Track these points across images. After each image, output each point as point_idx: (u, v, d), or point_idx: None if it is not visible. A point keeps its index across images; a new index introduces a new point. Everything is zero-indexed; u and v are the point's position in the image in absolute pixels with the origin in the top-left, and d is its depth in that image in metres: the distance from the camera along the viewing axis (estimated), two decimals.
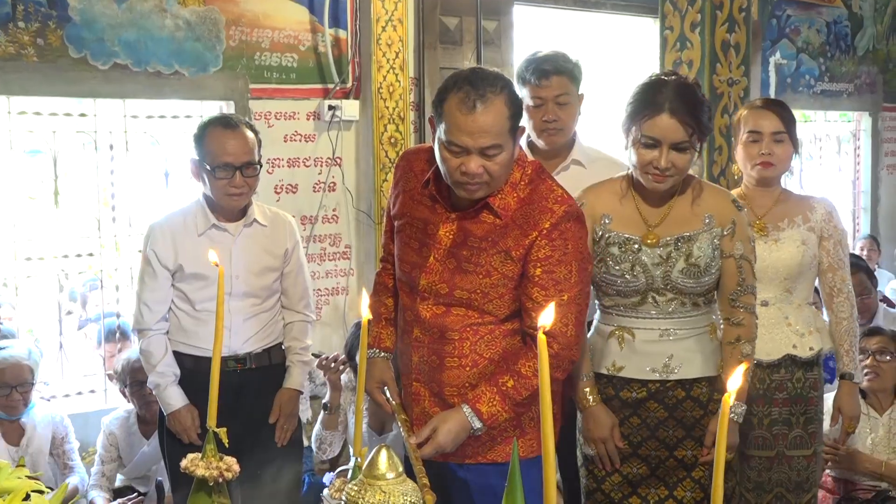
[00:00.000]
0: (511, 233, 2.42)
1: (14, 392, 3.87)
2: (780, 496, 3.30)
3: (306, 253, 4.95)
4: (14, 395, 3.87)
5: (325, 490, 3.93)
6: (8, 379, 3.87)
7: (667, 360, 2.70)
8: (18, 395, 3.89)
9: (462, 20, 5.49)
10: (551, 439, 1.13)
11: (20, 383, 3.89)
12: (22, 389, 3.90)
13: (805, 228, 3.28)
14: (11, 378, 3.87)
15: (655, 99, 2.62)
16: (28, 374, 3.94)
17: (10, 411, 3.91)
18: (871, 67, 8.14)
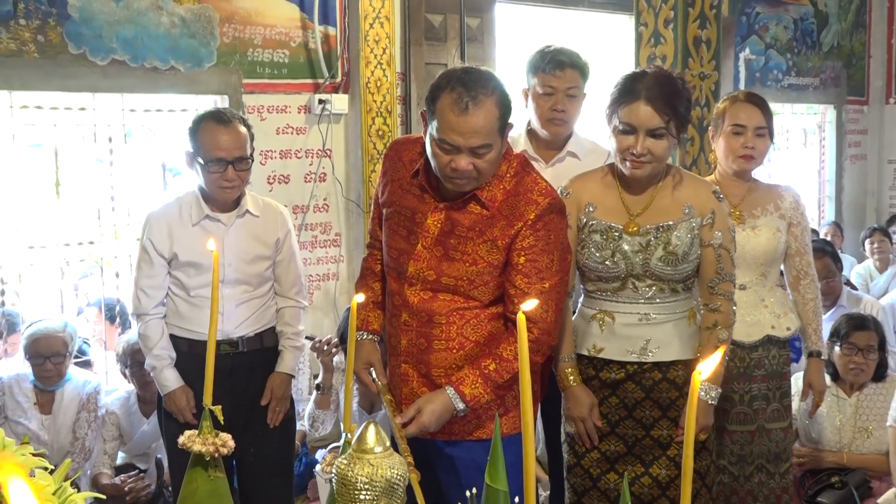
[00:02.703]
0: (497, 223, 2.42)
1: (47, 362, 3.87)
2: (761, 467, 3.34)
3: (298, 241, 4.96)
4: (47, 365, 3.88)
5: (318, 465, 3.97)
6: (41, 349, 3.87)
7: (645, 343, 2.70)
8: (52, 365, 3.89)
9: (446, 17, 5.49)
10: (530, 417, 1.13)
11: (53, 354, 3.89)
12: (55, 360, 3.90)
13: (777, 216, 3.31)
14: (45, 349, 3.88)
15: (633, 87, 2.62)
16: (61, 345, 3.93)
17: (45, 381, 3.92)
18: (835, 62, 8.18)
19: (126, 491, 3.88)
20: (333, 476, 1.24)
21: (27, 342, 3.90)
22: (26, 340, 3.91)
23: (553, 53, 3.23)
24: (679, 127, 2.65)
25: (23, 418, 3.88)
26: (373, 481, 1.22)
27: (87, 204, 4.80)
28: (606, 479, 2.76)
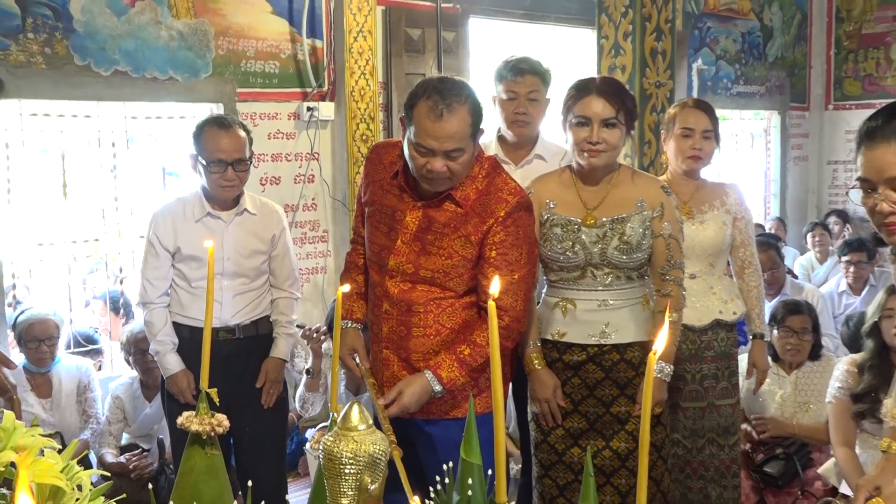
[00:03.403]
0: (470, 220, 2.43)
1: (42, 345, 3.89)
2: (712, 440, 3.37)
3: None
4: (42, 347, 3.89)
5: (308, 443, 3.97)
6: (37, 333, 3.87)
7: (604, 327, 2.71)
8: (46, 347, 3.90)
9: (424, 31, 5.49)
10: (501, 397, 1.14)
11: (47, 337, 3.90)
12: (49, 343, 3.92)
13: (723, 211, 3.34)
14: (40, 332, 3.88)
15: (586, 85, 2.68)
16: (54, 329, 3.95)
17: (39, 364, 3.92)
18: (780, 72, 8.22)
19: (130, 469, 3.87)
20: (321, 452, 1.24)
21: (22, 328, 3.90)
22: (21, 326, 3.90)
23: (515, 62, 3.24)
24: (628, 118, 2.68)
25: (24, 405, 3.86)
26: (357, 456, 1.22)
27: (92, 204, 4.77)
28: (571, 454, 2.76)
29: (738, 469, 3.45)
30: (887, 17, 8.18)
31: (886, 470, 1.98)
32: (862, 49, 8.34)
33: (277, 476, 3.28)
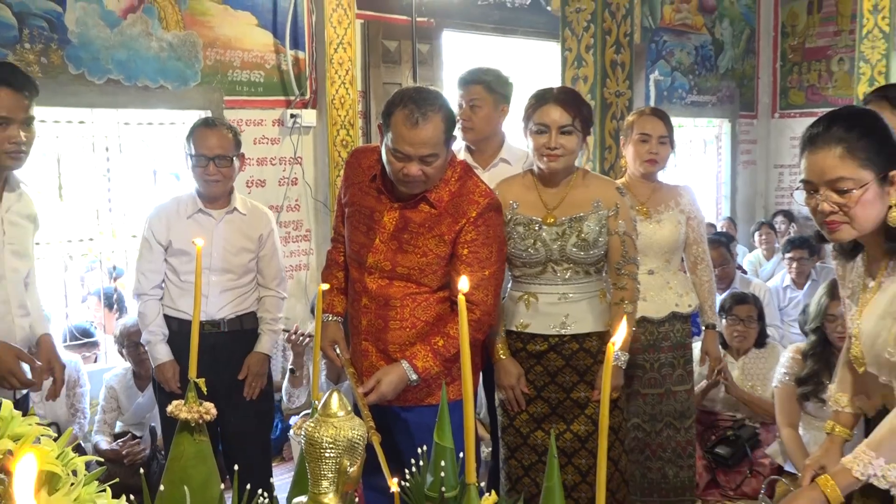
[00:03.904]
0: (444, 220, 2.42)
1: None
2: (669, 423, 3.40)
3: None
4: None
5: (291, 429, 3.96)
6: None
7: (564, 318, 2.72)
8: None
9: (400, 43, 5.48)
10: (470, 385, 1.14)
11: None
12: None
13: (677, 211, 3.36)
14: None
15: (544, 95, 2.68)
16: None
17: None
18: (730, 83, 8.28)
19: (124, 454, 3.83)
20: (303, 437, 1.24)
21: None
22: None
23: (463, 73, 3.24)
24: (584, 125, 2.68)
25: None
26: (336, 441, 1.21)
27: (86, 205, 4.72)
28: (535, 437, 2.77)
29: (693, 450, 3.48)
30: (828, 32, 8.28)
31: (830, 450, 2.01)
32: (805, 62, 8.43)
33: (262, 461, 3.26)
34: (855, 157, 1.71)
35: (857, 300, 1.88)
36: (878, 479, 1.69)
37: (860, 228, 1.76)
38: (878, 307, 1.79)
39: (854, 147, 1.71)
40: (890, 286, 1.76)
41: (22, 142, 2.39)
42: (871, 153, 1.71)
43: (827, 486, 1.71)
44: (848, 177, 1.71)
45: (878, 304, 1.79)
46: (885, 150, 1.72)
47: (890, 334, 1.75)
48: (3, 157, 2.38)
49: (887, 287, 1.77)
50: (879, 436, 1.70)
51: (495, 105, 3.19)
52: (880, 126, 1.75)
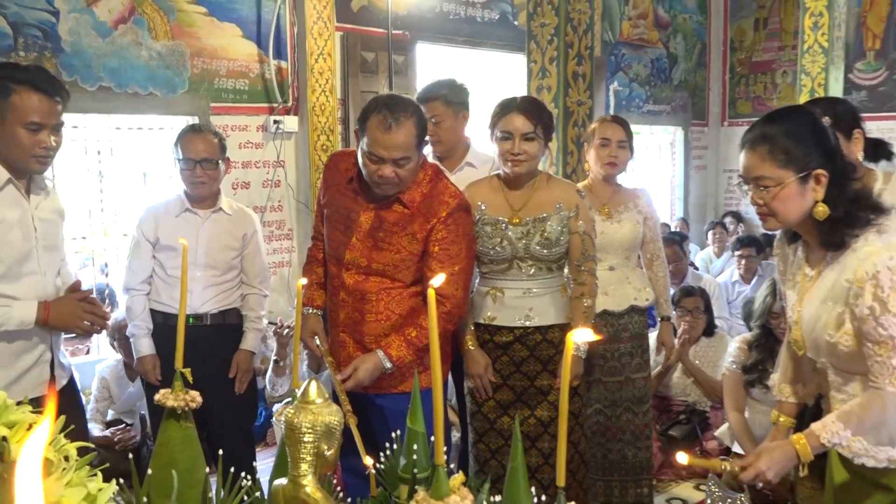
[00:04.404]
0: (416, 220, 2.42)
1: None
2: (628, 408, 3.42)
3: None
4: None
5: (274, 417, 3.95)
6: None
7: (528, 311, 2.73)
8: None
9: (377, 55, 5.47)
10: (439, 373, 1.14)
11: None
12: None
13: (636, 212, 3.39)
14: None
15: (509, 104, 2.69)
16: None
17: None
18: (683, 93, 8.36)
19: (115, 441, 3.79)
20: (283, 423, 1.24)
21: None
22: None
23: (420, 92, 3.21)
24: (545, 132, 2.69)
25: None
26: (314, 426, 1.21)
27: (80, 206, 4.66)
28: (501, 422, 2.78)
29: (650, 433, 3.51)
30: (773, 47, 8.38)
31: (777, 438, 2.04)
32: (752, 74, 8.53)
33: (245, 447, 3.23)
34: (775, 158, 1.76)
35: (797, 289, 1.91)
36: (842, 448, 1.71)
37: (783, 221, 1.81)
38: (818, 293, 1.82)
39: (775, 149, 1.76)
40: (829, 274, 1.79)
41: (52, 147, 2.32)
42: (791, 154, 1.75)
43: (799, 443, 1.72)
44: (768, 175, 1.77)
45: (818, 290, 1.82)
46: (806, 150, 1.75)
47: (829, 317, 1.77)
48: (31, 161, 2.31)
49: (827, 275, 1.80)
50: (848, 410, 1.73)
51: (456, 115, 3.16)
52: (807, 128, 1.78)
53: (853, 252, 1.74)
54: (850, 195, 1.75)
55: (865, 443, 1.70)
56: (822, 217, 1.76)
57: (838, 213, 1.75)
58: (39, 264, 2.38)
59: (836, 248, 1.79)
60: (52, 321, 2.35)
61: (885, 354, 1.68)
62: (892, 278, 1.66)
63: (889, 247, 1.70)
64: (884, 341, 1.67)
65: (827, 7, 5.26)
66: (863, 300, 1.69)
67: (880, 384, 1.69)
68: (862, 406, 1.72)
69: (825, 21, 5.26)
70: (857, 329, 1.73)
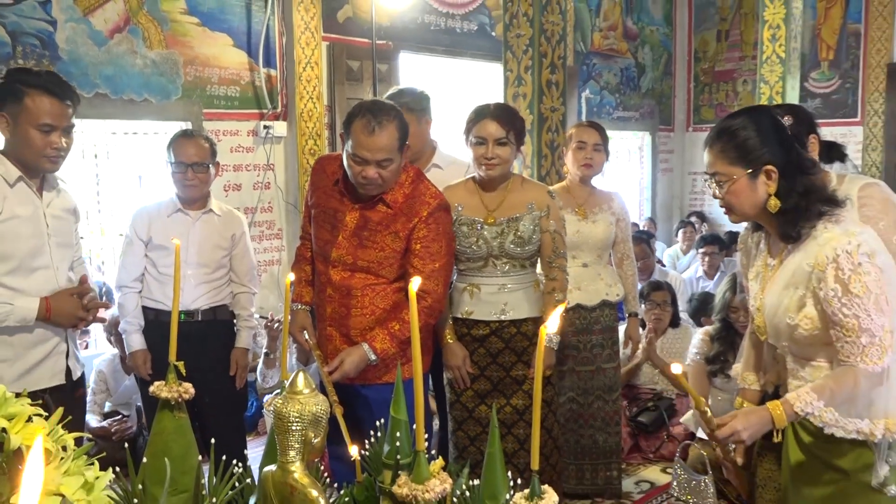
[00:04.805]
0: (399, 219, 2.42)
1: None
2: (599, 396, 3.45)
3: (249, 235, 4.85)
4: None
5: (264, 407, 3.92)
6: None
7: (503, 306, 2.73)
8: None
9: (362, 63, 5.46)
10: (419, 364, 1.15)
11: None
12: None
13: (609, 213, 3.41)
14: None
15: (482, 111, 2.69)
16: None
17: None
18: (650, 101, 8.41)
19: (112, 432, 3.76)
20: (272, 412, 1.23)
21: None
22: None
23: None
24: (517, 137, 2.70)
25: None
26: (302, 415, 1.21)
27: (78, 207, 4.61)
28: (479, 410, 2.78)
29: (619, 419, 3.54)
30: (734, 57, 8.45)
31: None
32: (715, 83, 8.59)
33: (236, 437, 3.21)
34: (727, 154, 1.80)
35: (759, 279, 1.92)
36: (814, 417, 1.72)
37: (741, 214, 1.84)
38: (780, 280, 1.83)
39: (727, 146, 1.80)
40: (791, 262, 1.81)
41: (62, 148, 2.33)
42: (742, 150, 1.78)
43: (776, 411, 1.73)
44: (721, 171, 1.82)
45: (780, 277, 1.83)
46: (758, 147, 1.78)
47: (791, 301, 1.79)
48: (42, 161, 2.31)
49: (788, 263, 1.82)
50: (822, 383, 1.73)
51: (419, 121, 3.09)
52: (760, 126, 1.80)
53: (813, 239, 1.76)
54: (799, 188, 1.77)
55: (836, 413, 1.71)
56: (775, 210, 1.79)
57: (789, 206, 1.77)
58: (52, 259, 2.39)
59: (793, 240, 1.80)
60: (54, 317, 2.34)
61: (853, 335, 1.69)
62: (852, 261, 1.68)
63: (847, 233, 1.72)
64: (849, 322, 1.69)
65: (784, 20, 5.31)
66: (826, 283, 1.70)
67: (852, 362, 1.70)
68: (835, 380, 1.73)
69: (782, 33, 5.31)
70: (822, 312, 1.74)
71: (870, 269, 1.68)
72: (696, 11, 8.57)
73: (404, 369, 2.44)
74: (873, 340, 1.68)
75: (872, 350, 1.68)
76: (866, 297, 1.67)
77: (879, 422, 1.73)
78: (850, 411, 1.74)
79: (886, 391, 1.74)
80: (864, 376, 1.70)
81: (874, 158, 7.59)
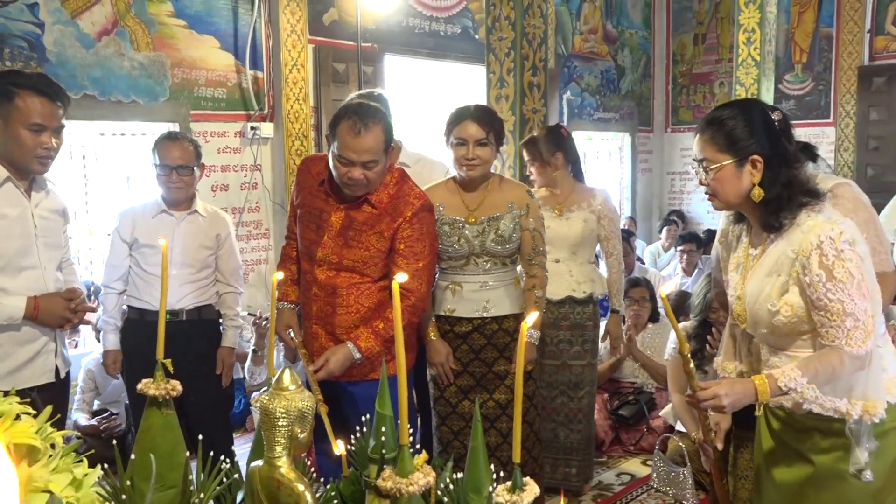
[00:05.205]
0: (384, 219, 2.42)
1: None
2: (563, 392, 3.46)
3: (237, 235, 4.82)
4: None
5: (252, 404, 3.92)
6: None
7: (485, 303, 2.74)
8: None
9: (348, 65, 5.45)
10: (402, 360, 1.15)
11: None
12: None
13: (588, 211, 3.41)
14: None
15: (462, 112, 2.69)
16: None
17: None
18: (630, 102, 8.44)
19: (101, 430, 3.74)
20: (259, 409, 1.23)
21: None
22: None
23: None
24: (497, 138, 2.70)
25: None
26: (288, 411, 1.21)
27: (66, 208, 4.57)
28: (462, 406, 2.78)
29: (583, 417, 3.49)
30: (711, 60, 8.51)
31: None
32: (692, 85, 8.64)
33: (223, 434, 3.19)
34: (716, 142, 1.81)
35: (740, 269, 1.93)
36: (796, 394, 1.72)
37: (724, 201, 1.85)
38: (763, 268, 1.84)
39: (717, 134, 1.81)
40: (773, 250, 1.82)
41: (52, 148, 2.32)
42: (731, 139, 1.80)
43: (761, 384, 1.73)
44: (709, 158, 1.82)
45: (763, 266, 1.84)
46: (746, 137, 1.79)
47: (773, 288, 1.80)
48: (32, 161, 2.30)
49: (771, 251, 1.83)
50: (807, 361, 1.75)
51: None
52: (750, 117, 1.81)
53: (797, 227, 1.77)
54: (783, 180, 1.79)
55: (817, 391, 1.72)
56: (758, 199, 1.80)
57: (772, 196, 1.79)
58: (39, 259, 2.38)
59: (775, 230, 1.81)
60: (41, 317, 2.33)
61: (838, 319, 1.70)
62: (835, 247, 1.70)
63: (830, 221, 1.74)
64: (834, 306, 1.70)
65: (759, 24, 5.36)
66: (810, 270, 1.72)
67: (838, 345, 1.71)
68: (820, 359, 1.74)
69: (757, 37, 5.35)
70: (803, 300, 1.75)
71: (851, 256, 1.70)
72: (673, 15, 8.62)
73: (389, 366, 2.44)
74: (857, 324, 1.70)
75: (857, 333, 1.70)
76: (849, 282, 1.69)
77: (857, 402, 1.75)
78: (830, 392, 1.75)
79: (866, 375, 1.76)
80: (849, 358, 1.71)
81: (846, 158, 7.67)
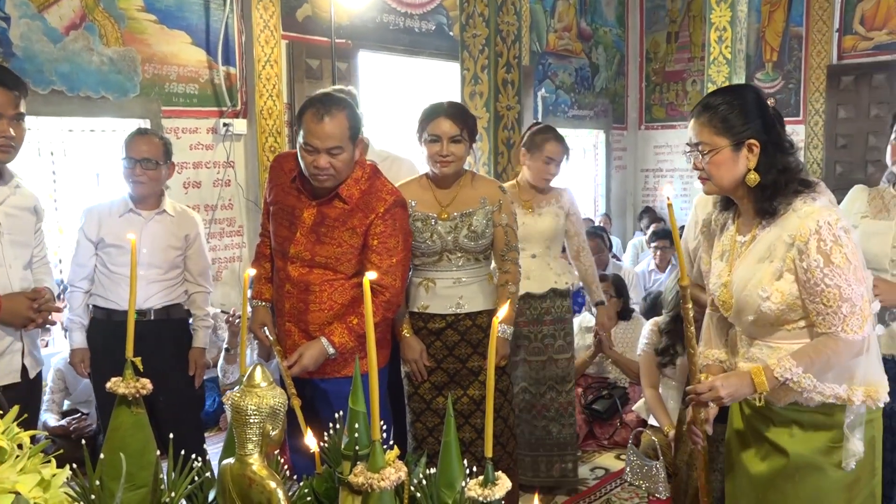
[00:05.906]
0: (356, 215, 2.41)
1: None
2: (551, 387, 3.47)
3: (210, 232, 4.80)
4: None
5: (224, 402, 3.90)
6: None
7: (459, 299, 2.74)
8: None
9: (322, 62, 5.43)
10: (374, 356, 1.15)
11: None
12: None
13: (557, 207, 3.44)
14: None
15: (436, 109, 2.69)
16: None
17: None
18: (604, 100, 8.50)
19: (71, 430, 3.68)
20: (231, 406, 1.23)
21: None
22: None
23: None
24: (470, 135, 2.71)
25: None
26: (259, 408, 1.20)
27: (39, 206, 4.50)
28: (436, 402, 2.78)
29: (572, 409, 3.56)
30: (683, 58, 8.60)
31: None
32: (665, 83, 8.73)
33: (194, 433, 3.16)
34: (713, 125, 1.82)
35: (726, 257, 1.93)
36: (793, 383, 1.74)
37: (718, 185, 1.86)
38: (753, 255, 1.84)
39: (713, 118, 1.82)
40: (766, 236, 1.83)
41: (11, 136, 2.28)
42: (728, 123, 1.81)
43: (758, 376, 1.74)
44: (705, 142, 1.83)
45: (753, 252, 1.84)
46: (743, 121, 1.81)
47: (764, 274, 1.80)
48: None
49: (762, 237, 1.83)
50: (802, 351, 1.76)
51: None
52: (746, 102, 1.83)
53: (793, 212, 1.78)
54: (779, 166, 1.80)
55: (814, 380, 1.74)
56: (753, 184, 1.81)
57: (768, 181, 1.80)
58: (3, 257, 2.34)
59: (769, 215, 1.82)
60: (4, 316, 2.30)
61: (835, 304, 1.71)
62: (833, 232, 1.71)
63: (827, 206, 1.76)
64: (831, 291, 1.71)
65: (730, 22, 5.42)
66: (808, 255, 1.73)
67: (834, 332, 1.73)
68: (814, 348, 1.75)
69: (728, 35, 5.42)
70: (800, 288, 1.76)
71: (847, 242, 1.72)
72: (647, 14, 8.69)
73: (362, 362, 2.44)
74: (854, 310, 1.71)
75: (853, 319, 1.71)
76: (846, 267, 1.70)
77: (858, 388, 1.77)
78: (826, 380, 1.77)
79: (866, 360, 1.78)
80: (846, 345, 1.73)
81: (815, 156, 7.80)
